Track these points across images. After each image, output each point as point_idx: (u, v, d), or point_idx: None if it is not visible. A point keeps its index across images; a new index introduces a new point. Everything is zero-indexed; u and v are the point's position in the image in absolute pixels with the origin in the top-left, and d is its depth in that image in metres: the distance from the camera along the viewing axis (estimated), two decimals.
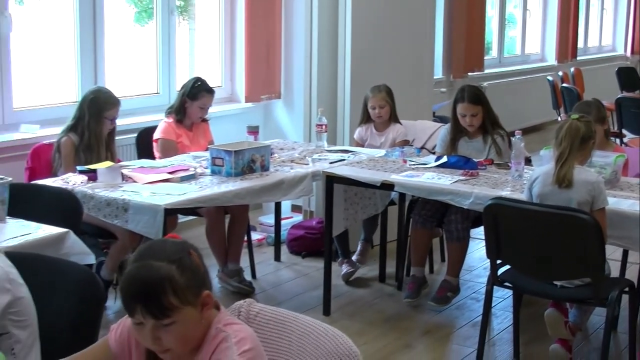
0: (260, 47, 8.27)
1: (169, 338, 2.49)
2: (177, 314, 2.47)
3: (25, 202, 4.79)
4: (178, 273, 2.47)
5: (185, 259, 2.52)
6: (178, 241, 2.62)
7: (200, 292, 2.53)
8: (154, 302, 2.45)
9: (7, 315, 3.14)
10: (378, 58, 7.85)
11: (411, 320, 6.03)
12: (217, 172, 5.86)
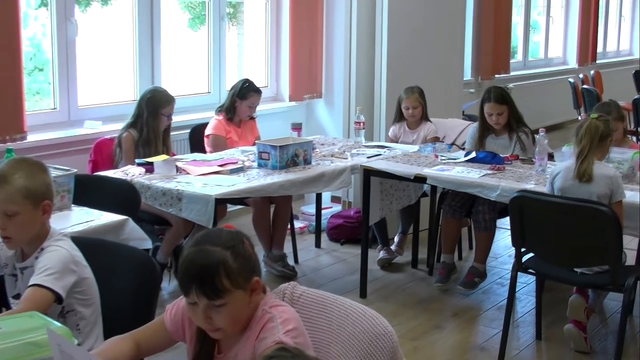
0: (303, 51, 8.28)
1: (220, 318, 2.50)
2: (228, 296, 2.48)
3: (89, 192, 4.83)
4: (231, 259, 2.49)
5: (239, 246, 2.53)
6: (233, 230, 2.63)
7: (250, 278, 2.54)
8: (208, 283, 2.46)
9: (72, 294, 3.17)
10: (412, 61, 7.83)
11: (441, 303, 6.03)
12: (264, 165, 5.88)
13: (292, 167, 5.90)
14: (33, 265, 3.18)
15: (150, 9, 7.29)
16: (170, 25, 7.72)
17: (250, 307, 2.56)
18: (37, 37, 7.01)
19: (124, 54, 7.37)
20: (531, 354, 5.24)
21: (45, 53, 6.94)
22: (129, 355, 2.72)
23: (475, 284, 6.06)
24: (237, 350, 2.59)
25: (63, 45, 6.68)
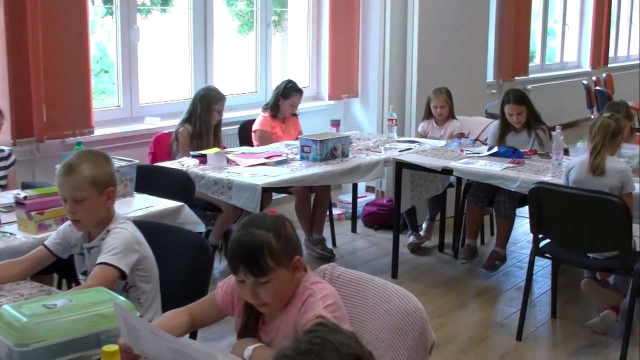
0: (341, 54, 8.28)
1: (265, 294, 2.52)
2: (273, 274, 2.49)
3: (149, 180, 4.85)
4: (275, 240, 2.49)
5: (281, 229, 2.54)
6: (276, 215, 2.64)
7: (292, 257, 2.55)
8: (253, 263, 2.48)
9: (135, 272, 3.19)
10: (439, 64, 7.82)
11: (465, 284, 6.02)
12: (305, 157, 5.89)
13: (331, 159, 5.90)
14: (99, 245, 3.20)
15: (204, 17, 7.32)
16: (221, 31, 7.74)
17: (292, 283, 2.57)
18: (103, 42, 7.06)
19: (181, 56, 7.39)
20: (547, 330, 5.22)
21: (110, 56, 6.98)
22: (185, 327, 2.75)
23: (496, 266, 6.07)
24: (280, 323, 2.59)
25: (126, 49, 6.73)
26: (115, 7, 6.68)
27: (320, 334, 1.71)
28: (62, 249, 3.38)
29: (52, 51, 5.84)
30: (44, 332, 2.44)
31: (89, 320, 2.52)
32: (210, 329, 3.02)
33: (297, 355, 1.67)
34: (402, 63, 7.95)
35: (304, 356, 1.66)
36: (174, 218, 4.34)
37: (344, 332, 1.75)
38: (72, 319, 2.50)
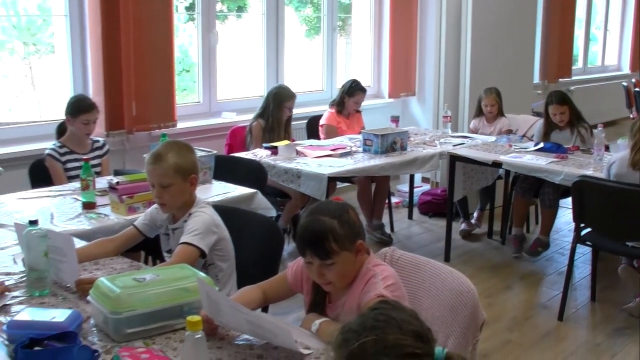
0: (400, 57, 8.25)
1: (331, 274, 2.53)
2: (337, 256, 2.50)
3: (226, 169, 4.89)
4: (338, 226, 2.50)
5: (345, 216, 2.54)
6: (340, 202, 2.65)
7: (355, 241, 2.55)
8: (319, 247, 2.49)
9: (213, 251, 3.22)
10: (490, 66, 7.77)
11: (511, 268, 5.97)
12: (367, 150, 5.88)
13: (391, 152, 5.88)
14: (182, 226, 3.24)
15: (275, 22, 7.35)
16: (291, 35, 7.76)
17: (355, 265, 2.57)
18: (185, 45, 7.14)
19: (254, 57, 7.43)
20: (586, 312, 5.15)
21: (191, 58, 7.06)
22: (258, 302, 2.77)
23: (539, 252, 6.01)
24: (344, 300, 2.60)
25: (206, 51, 6.79)
26: (197, 14, 6.76)
27: (384, 311, 1.71)
28: (149, 229, 3.43)
29: (141, 53, 5.93)
30: (135, 302, 2.48)
31: (174, 293, 2.55)
32: (279, 305, 3.02)
33: (363, 330, 1.66)
34: (456, 65, 7.91)
35: (369, 331, 1.65)
36: (248, 203, 4.37)
37: (406, 309, 1.75)
38: (159, 292, 2.54)
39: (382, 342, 1.63)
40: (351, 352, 1.64)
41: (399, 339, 1.63)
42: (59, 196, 4.38)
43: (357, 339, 1.65)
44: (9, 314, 2.66)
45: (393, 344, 1.62)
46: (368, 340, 1.63)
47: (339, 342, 1.69)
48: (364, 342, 1.63)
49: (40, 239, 2.91)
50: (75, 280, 2.90)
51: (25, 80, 6.44)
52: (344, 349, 1.67)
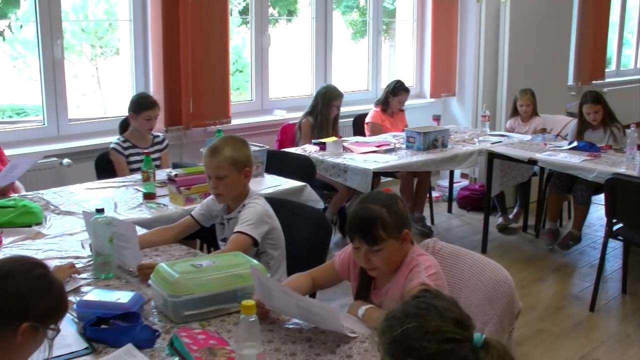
0: (441, 59, 8.19)
1: (377, 260, 2.53)
2: (384, 243, 2.50)
3: (277, 163, 4.89)
4: (387, 214, 2.49)
5: (394, 205, 2.54)
6: (390, 193, 2.64)
7: (401, 230, 2.54)
8: (368, 233, 2.49)
9: (265, 240, 3.23)
10: (527, 68, 7.68)
11: (544, 260, 5.90)
12: (410, 147, 5.85)
13: (432, 149, 5.84)
14: (236, 217, 3.25)
15: (324, 25, 7.35)
16: (338, 37, 7.74)
17: (400, 253, 2.57)
18: (238, 47, 7.16)
19: (304, 58, 7.43)
20: (617, 304, 5.07)
21: (245, 59, 7.09)
22: (307, 288, 2.78)
23: (570, 245, 5.94)
24: (389, 287, 2.59)
25: (259, 52, 6.81)
26: (250, 18, 6.78)
27: (426, 299, 1.70)
28: (205, 219, 3.45)
29: (198, 55, 5.96)
30: (193, 286, 2.50)
31: (229, 279, 2.57)
32: (325, 292, 3.03)
33: (405, 317, 1.66)
34: (494, 67, 7.84)
35: (411, 318, 1.65)
36: (297, 196, 4.37)
37: (446, 298, 1.74)
38: (215, 277, 2.55)
39: (424, 328, 1.62)
40: (394, 337, 1.64)
41: (440, 325, 1.62)
42: (122, 187, 4.43)
43: (400, 325, 1.64)
44: (78, 294, 2.71)
45: (434, 330, 1.62)
46: (411, 326, 1.63)
47: (383, 329, 1.69)
48: (407, 328, 1.63)
49: (106, 226, 2.95)
50: (137, 265, 2.94)
51: (92, 79, 6.53)
52: (387, 334, 1.67)
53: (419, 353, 1.61)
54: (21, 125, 5.75)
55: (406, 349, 1.63)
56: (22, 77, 6.09)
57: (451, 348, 1.60)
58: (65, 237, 3.49)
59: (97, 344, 2.33)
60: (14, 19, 5.82)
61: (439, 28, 8.12)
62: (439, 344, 1.60)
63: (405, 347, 1.63)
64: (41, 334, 1.92)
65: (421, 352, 1.61)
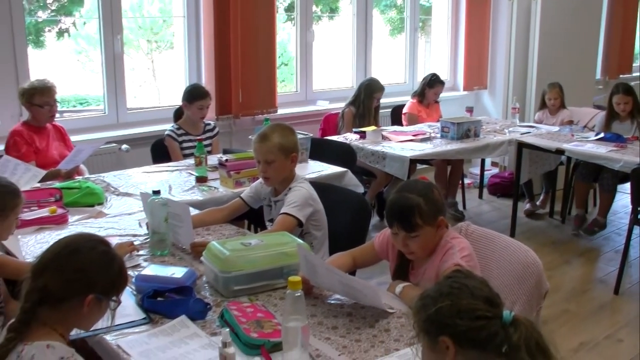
0: (473, 54, 8.10)
1: (414, 245, 2.52)
2: (421, 230, 2.48)
3: (320, 150, 4.88)
4: (424, 203, 2.47)
5: (430, 194, 2.51)
6: (426, 182, 2.62)
7: (437, 217, 2.53)
8: (406, 221, 2.47)
9: (309, 221, 3.23)
10: (556, 62, 7.56)
11: (570, 245, 5.80)
12: (445, 136, 5.80)
13: (465, 138, 5.78)
14: (283, 199, 3.25)
15: (364, 22, 7.31)
16: (377, 33, 7.70)
17: (436, 238, 2.55)
18: (284, 42, 7.16)
19: (345, 53, 7.40)
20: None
21: (290, 53, 7.09)
22: (348, 267, 2.77)
23: (595, 232, 5.85)
24: (425, 269, 2.58)
25: (303, 47, 6.80)
26: (295, 15, 6.77)
27: (458, 279, 1.72)
28: (253, 201, 3.45)
29: (247, 48, 5.97)
30: (242, 263, 2.51)
31: (276, 257, 2.57)
32: (363, 270, 3.02)
33: (439, 296, 1.68)
34: (524, 61, 7.74)
35: (445, 297, 1.67)
36: (339, 180, 4.36)
37: (477, 277, 1.76)
38: (263, 255, 2.56)
39: (457, 306, 1.64)
40: (429, 316, 1.66)
41: (471, 303, 1.64)
42: (176, 171, 4.45)
43: (434, 304, 1.66)
44: (137, 269, 2.74)
45: (466, 308, 1.63)
46: (444, 305, 1.65)
47: (418, 307, 1.71)
48: (440, 307, 1.65)
49: (162, 206, 2.97)
50: (190, 243, 2.96)
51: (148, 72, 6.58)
52: (422, 313, 1.69)
53: (452, 330, 1.63)
54: (84, 114, 5.82)
55: (440, 326, 1.65)
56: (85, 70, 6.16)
57: (482, 325, 1.62)
58: (124, 216, 3.53)
59: (154, 315, 2.35)
60: (78, 16, 5.89)
61: (472, 25, 8.03)
62: (470, 321, 1.62)
63: (439, 325, 1.65)
64: (104, 304, 1.96)
65: (454, 328, 1.63)
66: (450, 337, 1.63)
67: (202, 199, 3.80)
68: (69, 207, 3.59)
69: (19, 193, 2.75)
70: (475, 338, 1.62)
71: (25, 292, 1.88)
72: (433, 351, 1.68)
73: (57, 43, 5.85)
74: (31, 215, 3.39)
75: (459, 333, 1.63)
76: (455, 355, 1.64)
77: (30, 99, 4.51)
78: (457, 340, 1.63)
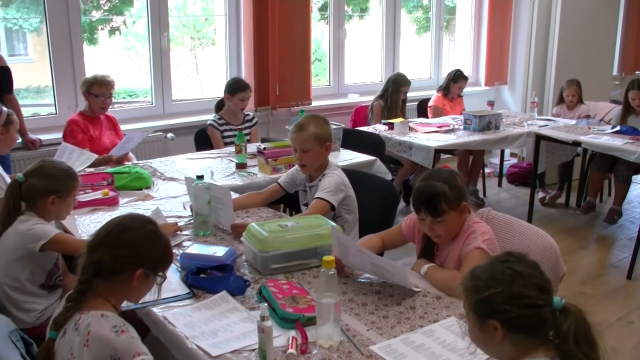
0: (495, 52, 8.00)
1: (439, 229, 2.50)
2: (446, 215, 2.47)
3: (351, 140, 4.86)
4: (448, 190, 2.46)
5: (454, 181, 2.50)
6: (450, 170, 2.59)
7: (461, 203, 2.51)
8: (432, 207, 2.46)
9: (341, 206, 3.21)
10: (574, 59, 7.45)
11: (586, 231, 5.72)
12: (467, 128, 5.73)
13: (487, 130, 5.71)
14: (317, 185, 3.24)
15: (393, 21, 7.27)
16: (404, 32, 7.64)
17: (460, 222, 2.53)
18: (317, 39, 7.12)
19: (375, 49, 7.36)
20: None
21: (323, 49, 7.06)
22: (377, 248, 2.76)
23: (615, 220, 5.79)
24: (449, 251, 2.56)
25: (336, 44, 6.78)
26: (328, 14, 6.76)
27: (511, 264, 1.63)
28: (290, 186, 3.45)
29: (284, 45, 5.97)
30: (279, 243, 2.51)
31: (310, 238, 2.56)
32: (391, 252, 3.00)
33: (492, 281, 1.61)
34: (543, 58, 7.64)
35: (498, 283, 1.60)
36: (369, 168, 4.34)
37: (529, 262, 1.66)
38: (298, 236, 2.56)
39: (508, 293, 1.58)
40: (481, 298, 1.61)
41: (523, 291, 1.57)
42: (218, 158, 4.47)
43: (487, 289, 1.60)
44: (181, 248, 2.75)
45: (517, 295, 1.57)
46: (497, 291, 1.59)
47: (470, 287, 1.65)
48: (493, 293, 1.59)
49: (205, 190, 2.98)
50: (231, 224, 2.97)
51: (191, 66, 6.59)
52: (473, 294, 1.63)
53: (502, 316, 1.58)
54: (133, 105, 5.85)
55: (490, 310, 1.60)
56: (134, 65, 6.20)
57: (532, 312, 1.57)
58: (170, 199, 3.55)
59: (197, 290, 2.36)
60: (128, 15, 5.93)
61: (494, 24, 7.93)
62: (521, 309, 1.57)
63: (489, 309, 1.60)
64: (152, 279, 1.98)
65: (504, 314, 1.58)
66: (499, 322, 1.59)
67: (242, 184, 3.81)
68: (119, 190, 3.63)
69: (77, 177, 2.79)
70: (525, 324, 1.57)
71: (81, 266, 1.91)
72: (481, 330, 1.64)
73: (109, 40, 5.89)
74: (86, 197, 3.43)
75: (508, 319, 1.58)
76: (503, 337, 1.60)
77: (89, 88, 4.60)
78: (506, 325, 1.59)
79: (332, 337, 1.99)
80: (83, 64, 5.19)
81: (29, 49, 5.65)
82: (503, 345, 1.61)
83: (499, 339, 1.60)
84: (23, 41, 5.62)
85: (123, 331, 1.81)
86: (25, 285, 2.65)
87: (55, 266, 2.75)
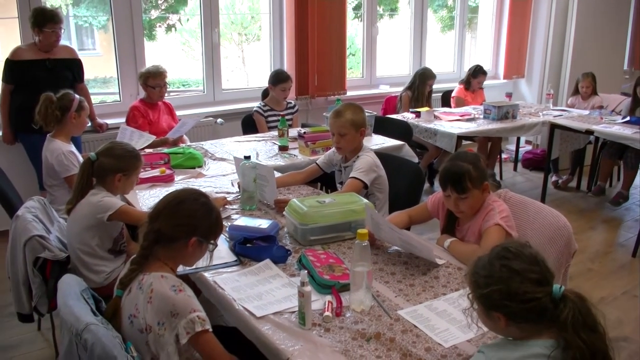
0: (514, 48, 7.84)
1: (463, 205, 2.49)
2: (469, 193, 2.45)
3: (382, 126, 4.83)
4: (473, 170, 2.44)
5: (478, 162, 2.48)
6: (474, 153, 2.57)
7: (483, 182, 2.49)
8: (458, 184, 2.45)
9: (373, 185, 3.20)
10: (588, 54, 7.29)
11: (595, 213, 5.61)
12: (487, 117, 5.65)
13: (505, 119, 5.62)
14: (351, 165, 3.23)
15: (420, 20, 7.18)
16: (430, 30, 7.54)
17: (481, 200, 2.51)
18: (352, 35, 7.06)
19: (403, 45, 7.29)
20: None
21: (357, 45, 7.00)
22: (405, 223, 2.76)
23: (620, 203, 5.66)
24: (469, 226, 2.54)
25: (369, 40, 6.73)
26: (362, 13, 6.70)
27: (508, 262, 1.56)
28: (327, 166, 3.45)
29: (322, 40, 5.94)
30: (318, 217, 2.51)
31: (345, 213, 2.55)
32: (416, 227, 2.99)
33: (490, 279, 1.56)
34: (559, 53, 7.49)
35: (496, 281, 1.55)
36: (398, 152, 4.30)
37: (526, 256, 1.57)
38: (335, 211, 2.55)
39: (507, 291, 1.53)
40: (482, 294, 1.58)
41: (520, 287, 1.52)
42: (262, 141, 4.48)
43: (486, 286, 1.56)
44: (230, 220, 2.77)
45: (515, 292, 1.52)
46: (495, 289, 1.54)
47: (472, 282, 1.61)
48: (491, 290, 1.55)
49: (252, 169, 2.99)
50: (274, 200, 2.98)
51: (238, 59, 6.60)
52: (476, 290, 1.59)
53: (502, 310, 1.55)
54: (186, 94, 5.89)
55: (492, 305, 1.57)
56: (187, 58, 6.22)
57: (532, 305, 1.52)
58: (219, 177, 3.56)
59: (244, 258, 2.38)
60: (183, 14, 5.95)
61: (514, 22, 7.77)
62: (521, 303, 1.53)
63: (490, 304, 1.57)
64: (204, 247, 1.99)
65: (505, 309, 1.55)
66: (502, 314, 1.56)
67: (284, 164, 3.81)
68: (175, 168, 3.66)
69: (140, 157, 2.82)
70: (526, 315, 1.53)
71: (143, 234, 1.94)
72: (487, 317, 1.61)
73: (165, 36, 5.92)
74: (146, 174, 3.47)
75: (509, 312, 1.54)
76: (507, 325, 1.57)
77: (145, 81, 4.62)
78: (509, 316, 1.55)
79: (364, 302, 1.99)
80: (144, 57, 5.23)
81: (97, 44, 5.72)
82: (509, 330, 1.58)
83: (503, 326, 1.57)
84: (91, 37, 5.68)
85: (181, 290, 1.83)
86: (95, 250, 2.70)
87: (120, 234, 2.80)
